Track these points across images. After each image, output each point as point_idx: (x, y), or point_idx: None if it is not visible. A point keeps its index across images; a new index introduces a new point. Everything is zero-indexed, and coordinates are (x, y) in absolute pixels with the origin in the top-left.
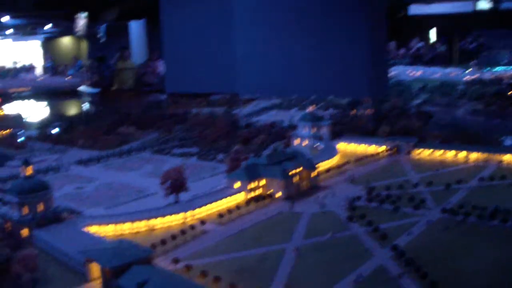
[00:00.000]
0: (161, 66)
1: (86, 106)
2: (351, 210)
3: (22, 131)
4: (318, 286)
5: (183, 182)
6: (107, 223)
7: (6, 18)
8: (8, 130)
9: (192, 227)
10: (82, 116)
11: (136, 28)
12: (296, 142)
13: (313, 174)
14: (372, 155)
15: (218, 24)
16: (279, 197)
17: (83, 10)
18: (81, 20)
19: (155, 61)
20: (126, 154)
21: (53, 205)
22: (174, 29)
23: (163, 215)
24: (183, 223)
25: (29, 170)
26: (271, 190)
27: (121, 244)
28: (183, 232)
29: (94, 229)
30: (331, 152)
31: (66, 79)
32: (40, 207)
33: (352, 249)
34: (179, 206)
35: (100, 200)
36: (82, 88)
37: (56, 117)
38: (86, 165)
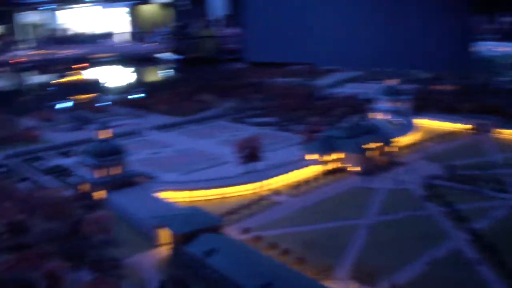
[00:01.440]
0: (241, 35)
1: (168, 72)
2: (428, 188)
3: (104, 95)
4: (388, 266)
5: (258, 151)
6: (180, 190)
7: None
8: (90, 95)
9: (265, 197)
10: (163, 83)
11: None
12: (375, 116)
13: (391, 149)
14: (452, 133)
15: None
16: (354, 172)
17: None
18: None
19: (234, 29)
20: (203, 121)
21: (127, 168)
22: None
23: (236, 184)
24: (256, 193)
25: (106, 134)
26: (347, 164)
27: (191, 211)
28: (255, 202)
29: (167, 195)
30: (410, 128)
31: (151, 45)
32: (115, 171)
33: (426, 229)
34: (252, 176)
35: (175, 166)
36: (165, 55)
37: (139, 82)
38: (164, 131)
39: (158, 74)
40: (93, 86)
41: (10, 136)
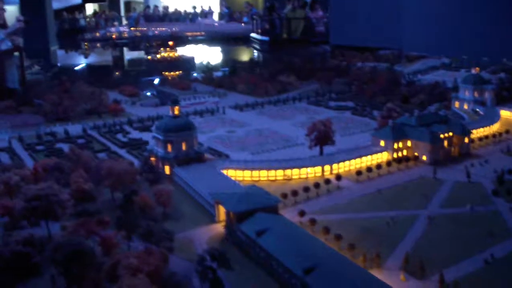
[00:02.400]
0: (328, 18)
1: (253, 53)
2: (498, 183)
3: (192, 73)
4: (443, 259)
5: (329, 135)
6: (246, 169)
7: None
8: (180, 72)
9: (328, 181)
10: (247, 63)
11: None
12: (456, 105)
13: (466, 140)
14: None
15: None
16: (424, 161)
17: None
18: None
19: (322, 12)
20: (282, 102)
21: (196, 145)
22: None
23: (302, 167)
24: (320, 176)
25: (176, 110)
26: (417, 153)
27: (250, 190)
28: (316, 185)
29: (232, 173)
30: (492, 119)
31: (239, 25)
32: (184, 146)
33: (491, 226)
34: (318, 159)
35: (247, 145)
36: (253, 35)
37: (225, 61)
38: (241, 110)
39: (243, 54)
40: (184, 63)
41: (97, 109)
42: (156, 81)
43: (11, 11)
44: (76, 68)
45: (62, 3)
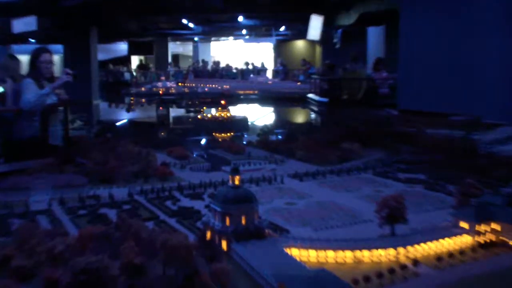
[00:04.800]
0: (394, 79)
1: (311, 115)
2: None
3: (245, 135)
4: None
5: (402, 212)
6: (310, 247)
7: (240, 19)
8: (232, 133)
9: (403, 266)
10: (305, 126)
11: (373, 36)
12: None
13: None
14: None
15: (461, 36)
16: None
17: (320, 13)
18: (317, 23)
19: (387, 73)
20: (345, 172)
21: (257, 219)
22: (412, 39)
23: (372, 248)
24: (394, 260)
25: (237, 180)
26: (505, 238)
27: (319, 274)
28: (391, 270)
29: (295, 252)
30: None
31: (295, 84)
32: (244, 220)
33: None
34: (392, 240)
35: (309, 219)
36: (310, 95)
37: (280, 124)
38: (301, 180)
39: (300, 116)
40: (237, 124)
41: (144, 171)
42: (203, 141)
43: (55, 61)
44: (118, 123)
45: (108, 55)
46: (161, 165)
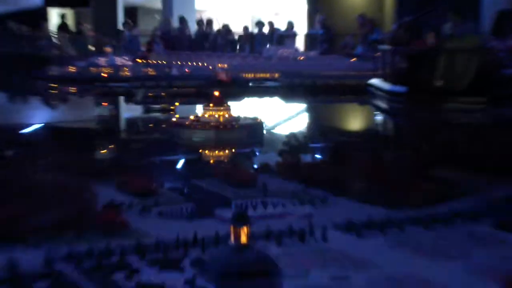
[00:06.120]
0: None
1: (376, 118)
2: None
3: (259, 152)
4: None
5: None
6: None
7: None
8: (230, 150)
9: None
10: (365, 137)
11: None
12: None
13: None
14: None
15: None
16: None
17: None
18: None
19: (508, 36)
20: (441, 222)
21: None
22: None
23: None
24: None
25: (244, 235)
26: None
27: None
28: None
29: None
30: None
31: (345, 62)
32: None
33: None
34: None
35: None
36: (374, 81)
37: (319, 133)
38: (358, 235)
39: (356, 118)
40: (244, 133)
41: (74, 220)
42: (181, 164)
43: None
44: (25, 131)
45: (7, 5)
46: (106, 209)
